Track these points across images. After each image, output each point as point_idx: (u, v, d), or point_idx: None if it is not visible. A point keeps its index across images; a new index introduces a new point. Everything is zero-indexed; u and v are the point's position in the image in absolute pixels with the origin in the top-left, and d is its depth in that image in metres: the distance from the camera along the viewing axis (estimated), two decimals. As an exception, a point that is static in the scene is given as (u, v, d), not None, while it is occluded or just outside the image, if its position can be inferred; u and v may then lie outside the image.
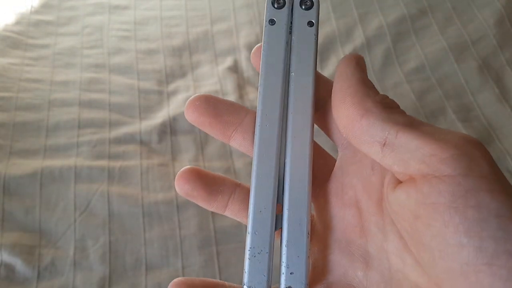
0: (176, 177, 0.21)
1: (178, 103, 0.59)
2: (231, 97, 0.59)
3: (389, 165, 0.17)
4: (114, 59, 0.65)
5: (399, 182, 0.17)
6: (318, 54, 0.70)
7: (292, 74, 0.20)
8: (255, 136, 0.20)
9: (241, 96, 0.60)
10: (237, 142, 0.21)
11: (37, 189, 0.49)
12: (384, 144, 0.16)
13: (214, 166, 0.53)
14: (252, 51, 0.21)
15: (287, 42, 0.20)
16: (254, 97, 0.60)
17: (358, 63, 0.19)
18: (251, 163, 0.20)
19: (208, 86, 0.61)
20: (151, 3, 0.73)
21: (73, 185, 0.50)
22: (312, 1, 0.20)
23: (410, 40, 0.66)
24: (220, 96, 0.60)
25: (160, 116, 0.58)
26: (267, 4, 0.20)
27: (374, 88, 0.18)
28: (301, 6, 0.20)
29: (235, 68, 0.64)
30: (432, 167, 0.15)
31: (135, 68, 0.63)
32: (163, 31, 0.68)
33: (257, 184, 0.19)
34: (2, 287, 0.43)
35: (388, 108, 0.17)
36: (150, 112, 0.59)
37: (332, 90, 0.19)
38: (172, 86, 0.62)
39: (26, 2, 0.70)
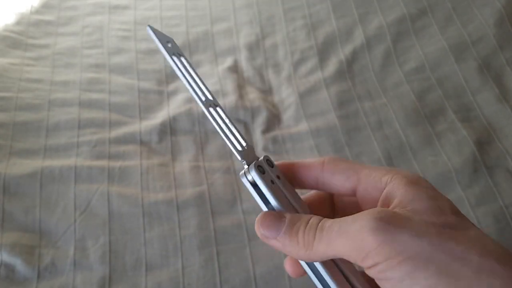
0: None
1: (178, 103, 0.59)
2: (231, 97, 0.59)
3: None
4: (114, 59, 0.65)
5: None
6: (318, 54, 0.70)
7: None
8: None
9: (241, 96, 0.60)
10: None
11: (37, 189, 0.49)
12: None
13: (214, 166, 0.53)
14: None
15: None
16: (254, 97, 0.60)
17: None
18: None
19: (208, 86, 0.61)
20: (151, 3, 0.73)
21: (73, 185, 0.50)
22: (272, 163, 0.27)
23: (410, 40, 0.66)
24: (220, 96, 0.60)
25: (160, 116, 0.58)
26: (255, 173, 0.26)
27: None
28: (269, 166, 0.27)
29: (235, 68, 0.64)
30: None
31: (135, 68, 0.63)
32: (163, 31, 0.68)
33: None
34: (2, 287, 0.43)
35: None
36: (150, 112, 0.59)
37: None
38: (172, 86, 0.62)
39: (26, 2, 0.70)
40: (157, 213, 0.48)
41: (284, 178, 0.27)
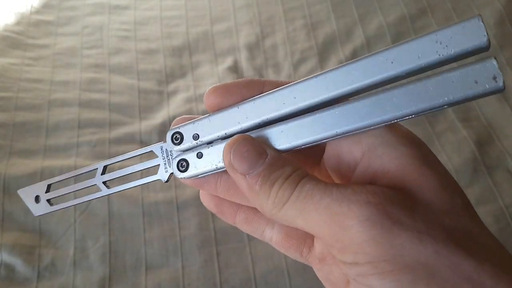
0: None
1: (178, 103, 0.59)
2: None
3: None
4: (114, 59, 0.65)
5: None
6: (318, 54, 0.69)
7: None
8: None
9: (241, 96, 0.60)
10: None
11: (37, 189, 0.49)
12: None
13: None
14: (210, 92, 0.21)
15: None
16: (254, 97, 0.60)
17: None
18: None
19: (208, 86, 0.61)
20: (151, 3, 0.73)
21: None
22: (182, 136, 0.22)
23: (410, 40, 0.66)
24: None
25: (160, 116, 0.58)
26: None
27: None
28: (173, 142, 0.22)
29: (235, 68, 0.64)
30: None
31: (135, 68, 0.63)
32: (163, 31, 0.68)
33: None
34: (2, 287, 0.43)
35: None
36: (150, 112, 0.59)
37: None
38: (172, 86, 0.62)
39: (26, 2, 0.70)
40: (157, 213, 0.48)
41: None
